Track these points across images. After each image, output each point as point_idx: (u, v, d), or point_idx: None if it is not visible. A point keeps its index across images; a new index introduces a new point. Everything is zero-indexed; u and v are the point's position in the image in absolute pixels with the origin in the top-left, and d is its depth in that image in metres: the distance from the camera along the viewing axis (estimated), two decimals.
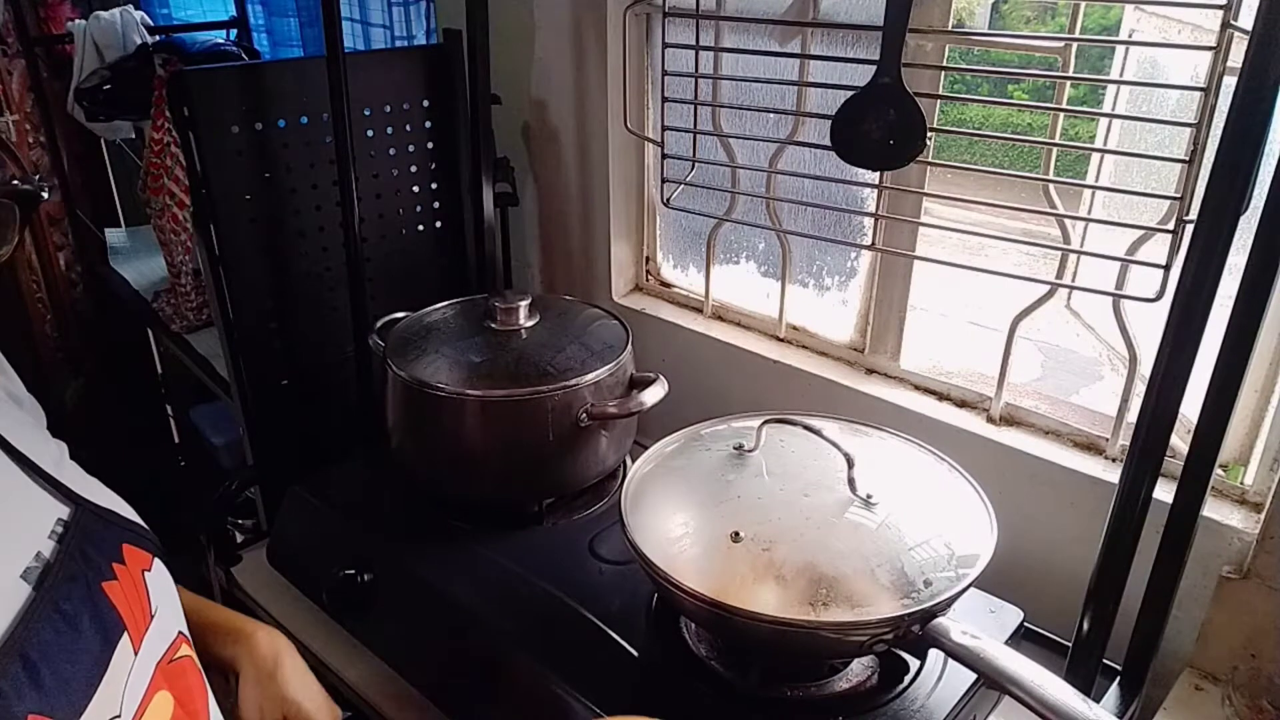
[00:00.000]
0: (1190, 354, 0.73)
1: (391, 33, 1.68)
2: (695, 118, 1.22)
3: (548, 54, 1.40)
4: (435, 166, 1.38)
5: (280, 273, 1.26)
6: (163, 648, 0.62)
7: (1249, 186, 0.68)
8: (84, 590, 0.57)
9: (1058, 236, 1.01)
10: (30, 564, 0.55)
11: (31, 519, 0.58)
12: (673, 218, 1.43)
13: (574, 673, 0.87)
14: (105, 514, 0.63)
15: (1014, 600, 0.96)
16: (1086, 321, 1.15)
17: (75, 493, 0.62)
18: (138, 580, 0.62)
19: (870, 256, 1.20)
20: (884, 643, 0.78)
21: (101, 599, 0.58)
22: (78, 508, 0.61)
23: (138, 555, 0.64)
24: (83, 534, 0.60)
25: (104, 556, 0.60)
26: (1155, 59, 1.02)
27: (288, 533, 1.18)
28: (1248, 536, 0.92)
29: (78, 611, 0.55)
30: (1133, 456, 0.78)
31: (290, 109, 1.21)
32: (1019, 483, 1.06)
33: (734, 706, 0.83)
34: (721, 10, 1.21)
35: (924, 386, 1.19)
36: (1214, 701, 0.93)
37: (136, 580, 0.62)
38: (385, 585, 1.03)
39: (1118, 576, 0.82)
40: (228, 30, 2.20)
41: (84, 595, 0.57)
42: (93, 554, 0.59)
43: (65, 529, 0.59)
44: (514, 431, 1.04)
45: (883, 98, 0.96)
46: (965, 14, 1.27)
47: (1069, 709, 0.67)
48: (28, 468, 0.61)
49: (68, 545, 0.58)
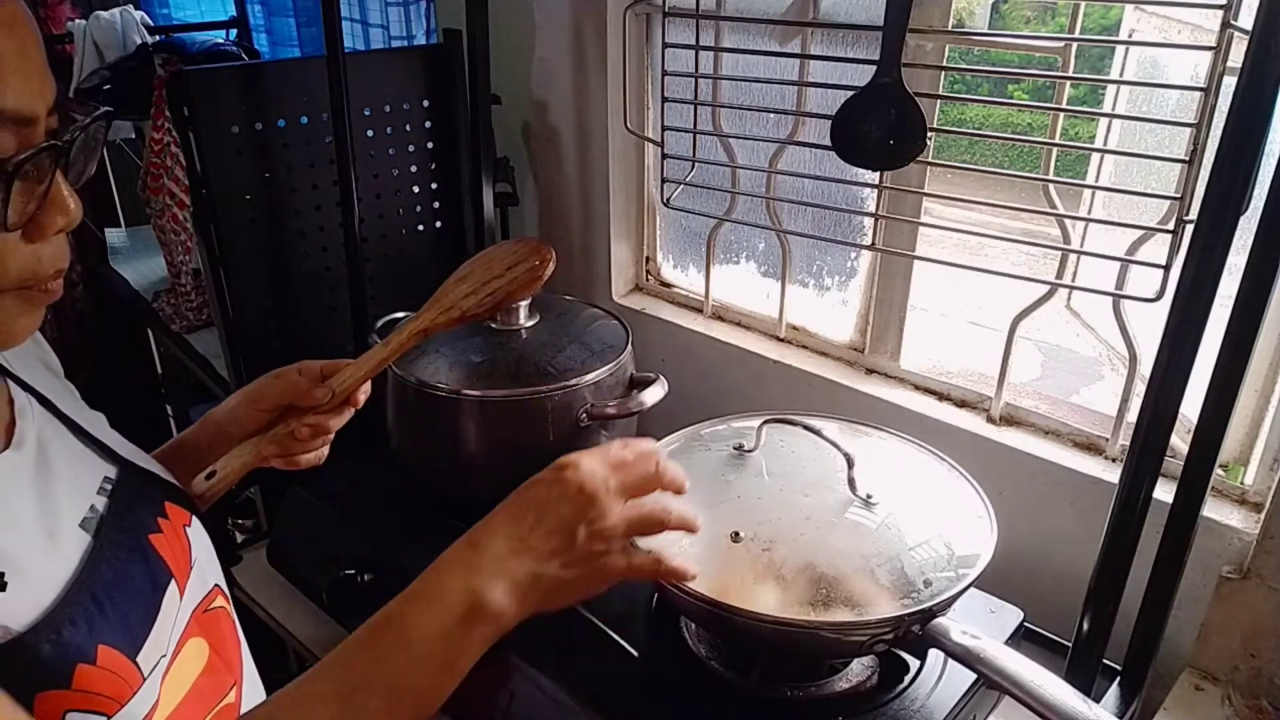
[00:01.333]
0: (1190, 354, 0.73)
1: (388, 32, 1.68)
2: (695, 118, 1.22)
3: (548, 54, 1.40)
4: (435, 166, 1.38)
5: (280, 273, 1.26)
6: (200, 596, 0.65)
7: (1249, 186, 0.68)
8: (134, 540, 0.61)
9: (1058, 236, 1.01)
10: (87, 514, 0.59)
11: (84, 475, 0.62)
12: (673, 218, 1.43)
13: (574, 673, 0.87)
14: (147, 474, 0.67)
15: (1014, 600, 0.96)
16: (1086, 321, 1.15)
17: (119, 454, 0.66)
18: (180, 533, 0.66)
19: (870, 256, 1.20)
20: (884, 643, 0.78)
21: (149, 549, 0.62)
22: (122, 468, 0.65)
23: (178, 512, 0.67)
24: (129, 491, 0.63)
25: (149, 512, 0.64)
26: (1155, 59, 1.02)
27: (288, 533, 1.18)
28: (1248, 536, 0.92)
29: (131, 558, 0.59)
30: (1133, 456, 0.78)
31: (290, 109, 1.21)
32: (1019, 483, 1.06)
33: (734, 706, 0.83)
34: (721, 10, 1.21)
35: (924, 386, 1.19)
36: (1214, 701, 0.93)
37: (179, 533, 0.66)
38: (385, 585, 1.03)
39: (1118, 576, 0.82)
40: (228, 30, 2.20)
41: (134, 544, 0.60)
42: (139, 508, 0.63)
43: (114, 486, 0.63)
44: (514, 431, 1.04)
45: (883, 98, 0.96)
46: (965, 14, 1.26)
47: (1069, 709, 0.67)
48: (75, 430, 0.64)
49: (117, 500, 0.62)
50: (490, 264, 0.78)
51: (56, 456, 0.60)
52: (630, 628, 0.91)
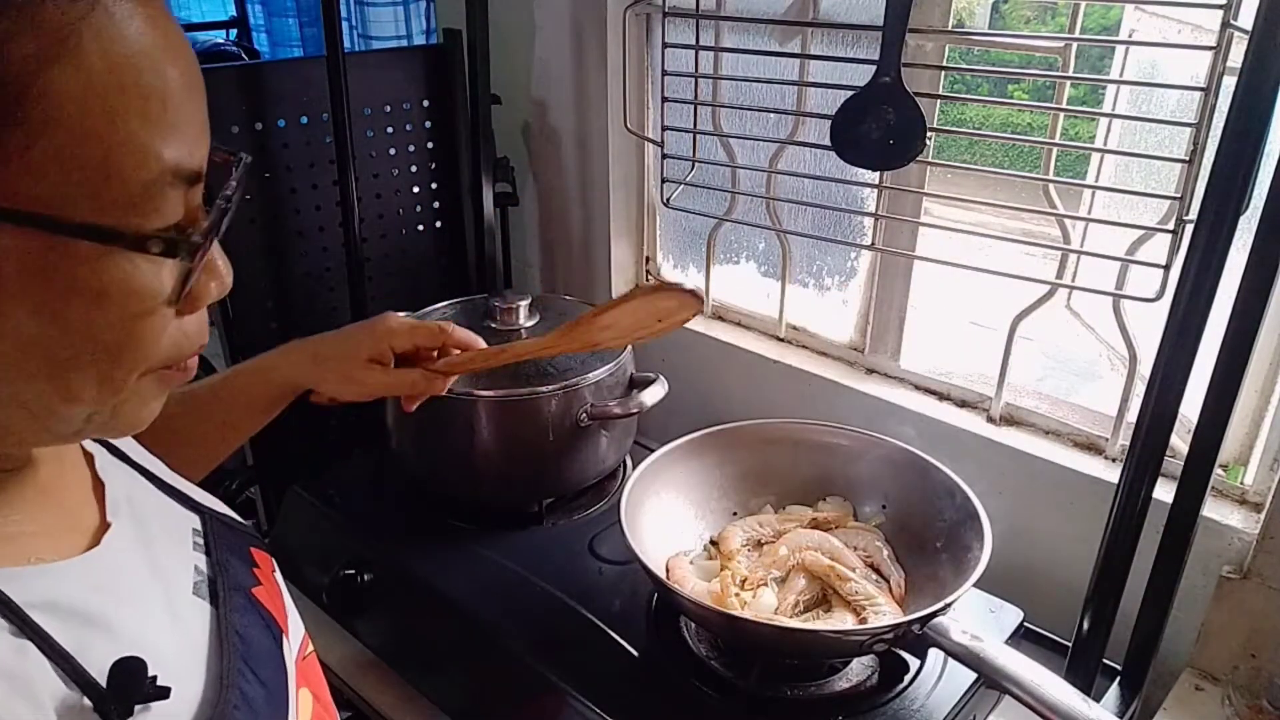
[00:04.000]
0: (1190, 354, 0.73)
1: (355, 31, 1.66)
2: (695, 118, 1.22)
3: (548, 54, 1.40)
4: (435, 166, 1.38)
5: (280, 273, 1.26)
6: (298, 644, 0.62)
7: (1249, 186, 0.68)
8: (245, 599, 0.55)
9: (1058, 236, 1.01)
10: (195, 578, 0.53)
11: (176, 532, 0.56)
12: (673, 218, 1.43)
13: (574, 672, 0.87)
14: (225, 519, 0.61)
15: (1014, 600, 0.96)
16: (1086, 321, 1.15)
17: (196, 500, 0.60)
18: (272, 580, 0.61)
19: (870, 256, 1.20)
20: (884, 642, 0.78)
21: (258, 605, 0.56)
22: (203, 516, 0.59)
23: (264, 558, 0.63)
24: (220, 542, 0.58)
25: (243, 562, 0.59)
26: (1155, 59, 1.02)
27: (288, 533, 1.18)
28: (1248, 536, 0.92)
29: (251, 622, 0.54)
30: (1133, 456, 0.78)
31: (290, 109, 1.21)
32: (1019, 483, 1.06)
33: (734, 706, 0.83)
34: (721, 10, 1.21)
35: (924, 386, 1.19)
36: (1214, 701, 0.93)
37: (272, 580, 0.61)
38: (385, 585, 1.03)
39: (1118, 576, 0.82)
40: (228, 30, 2.20)
41: (247, 605, 0.55)
42: (234, 562, 0.58)
43: (204, 539, 0.57)
44: (514, 431, 1.04)
45: (883, 98, 0.96)
46: (965, 14, 1.26)
47: (1069, 708, 0.67)
48: (152, 480, 0.58)
49: (214, 556, 0.56)
50: (639, 314, 0.74)
51: (148, 515, 0.54)
52: (630, 628, 0.91)
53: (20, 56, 0.35)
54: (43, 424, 0.43)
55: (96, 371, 0.41)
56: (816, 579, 0.86)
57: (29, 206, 0.37)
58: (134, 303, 0.41)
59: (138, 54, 0.38)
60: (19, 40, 0.35)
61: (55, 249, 0.38)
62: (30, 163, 0.36)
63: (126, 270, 0.40)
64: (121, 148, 0.38)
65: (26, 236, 0.37)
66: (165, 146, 0.40)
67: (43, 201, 0.37)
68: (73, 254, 0.38)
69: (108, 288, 0.40)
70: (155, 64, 0.39)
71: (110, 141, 0.38)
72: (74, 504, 0.50)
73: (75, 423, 0.43)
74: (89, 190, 0.38)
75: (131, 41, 0.38)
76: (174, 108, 0.40)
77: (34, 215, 0.37)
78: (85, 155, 0.37)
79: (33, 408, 0.42)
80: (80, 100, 0.37)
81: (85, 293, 0.39)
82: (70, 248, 0.38)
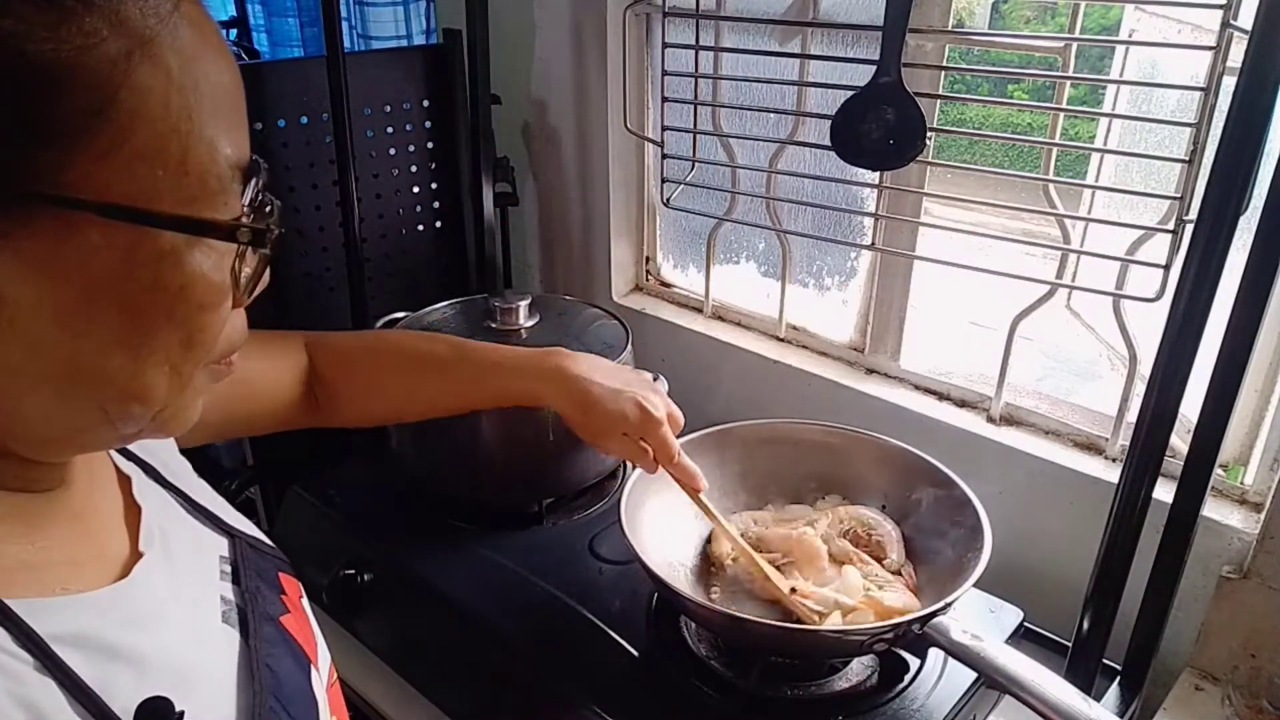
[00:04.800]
0: (1190, 354, 0.73)
1: (355, 31, 1.66)
2: (695, 118, 1.22)
3: (548, 54, 1.40)
4: (435, 166, 1.38)
5: (280, 273, 1.25)
6: (326, 672, 0.61)
7: (1249, 186, 0.68)
8: (274, 629, 0.55)
9: (1058, 236, 1.01)
10: (223, 607, 0.53)
11: (205, 558, 0.56)
12: (673, 218, 1.43)
13: (574, 673, 0.87)
14: (254, 542, 0.61)
15: (1014, 600, 0.96)
16: (1086, 321, 1.15)
17: (226, 523, 0.60)
18: (300, 608, 0.61)
19: (870, 256, 1.20)
20: (884, 642, 0.78)
21: (287, 634, 0.56)
22: (232, 540, 0.59)
23: (293, 584, 0.62)
24: (249, 569, 0.57)
25: (271, 589, 0.58)
26: (1155, 59, 1.02)
27: (288, 533, 1.18)
28: (1248, 536, 0.92)
29: (280, 652, 0.54)
30: (1133, 456, 0.78)
31: (290, 109, 1.21)
32: (1019, 482, 1.06)
33: (734, 706, 0.83)
34: (721, 10, 1.21)
35: (924, 386, 1.19)
36: (1214, 701, 0.93)
37: (299, 608, 0.61)
38: (385, 585, 1.03)
39: (1118, 576, 0.82)
40: (227, 30, 2.19)
41: (276, 635, 0.55)
42: (264, 590, 0.57)
43: (233, 567, 0.57)
44: (514, 431, 1.04)
45: (883, 98, 0.96)
46: (965, 14, 1.27)
47: (1069, 708, 0.67)
48: (184, 501, 0.58)
49: (244, 585, 0.56)
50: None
51: (178, 541, 0.53)
52: (630, 628, 0.91)
53: (110, 57, 0.37)
54: (113, 424, 0.43)
55: (170, 366, 0.42)
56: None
57: (122, 201, 0.38)
58: (210, 295, 0.42)
59: (204, 54, 0.40)
60: (109, 42, 0.36)
61: (143, 245, 0.39)
62: (120, 160, 0.37)
63: (205, 263, 0.41)
64: (198, 143, 0.40)
65: (116, 232, 0.38)
66: (228, 142, 0.41)
67: (131, 197, 0.38)
68: (159, 249, 0.40)
69: (191, 281, 0.41)
70: (217, 63, 0.41)
71: (188, 138, 0.39)
72: (105, 531, 0.50)
73: (142, 421, 0.44)
74: (171, 185, 0.39)
75: (199, 43, 0.40)
76: (231, 105, 0.42)
77: (130, 209, 0.38)
78: (168, 152, 0.39)
79: (109, 408, 0.42)
80: (164, 98, 0.38)
81: (169, 287, 0.40)
82: (157, 243, 0.39)
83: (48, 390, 0.40)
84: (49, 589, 0.43)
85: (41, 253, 0.37)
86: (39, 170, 0.36)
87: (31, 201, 0.36)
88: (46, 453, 0.45)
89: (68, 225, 0.37)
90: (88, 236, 0.38)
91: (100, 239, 0.38)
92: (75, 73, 0.36)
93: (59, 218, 0.37)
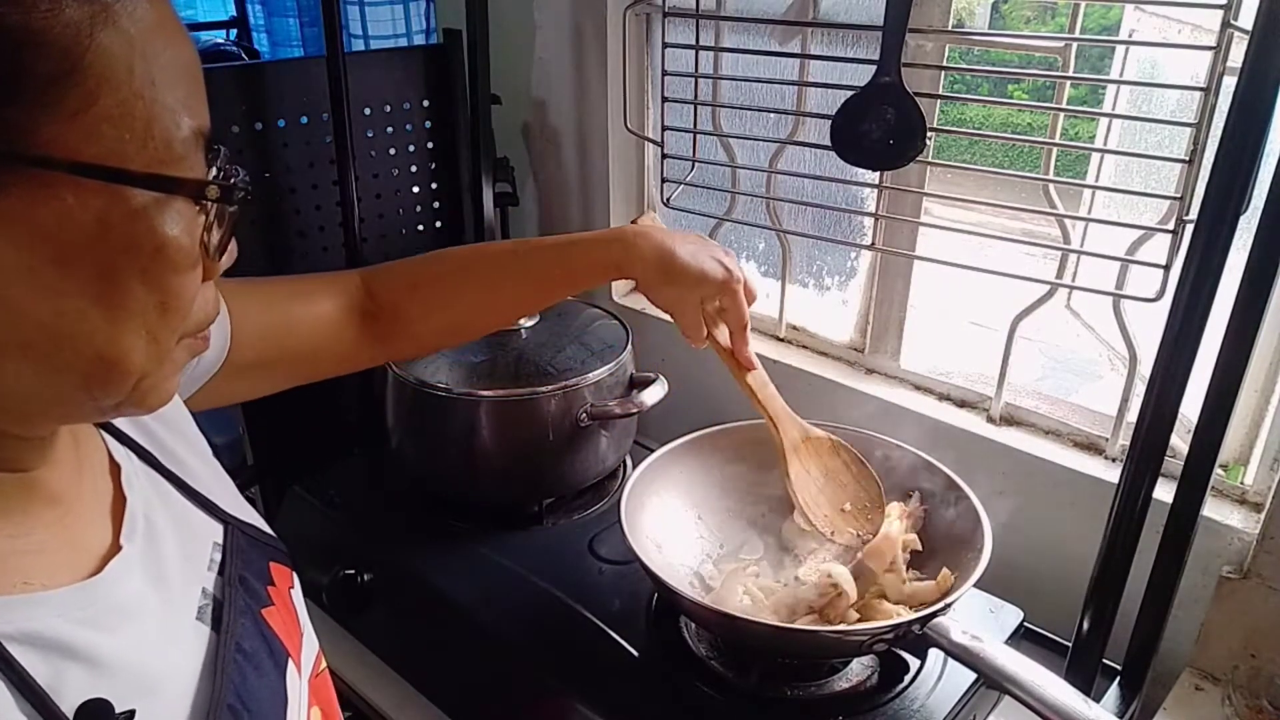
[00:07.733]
0: (1190, 354, 0.73)
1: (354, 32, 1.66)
2: (695, 118, 1.22)
3: (548, 54, 1.39)
4: (435, 166, 1.38)
5: (280, 273, 1.26)
6: (311, 664, 0.61)
7: (1249, 186, 0.68)
8: (251, 624, 0.54)
9: (1058, 236, 1.01)
10: (201, 602, 0.53)
11: (193, 550, 0.55)
12: (673, 217, 1.43)
13: (574, 673, 0.87)
14: (249, 529, 0.61)
15: (1014, 600, 0.96)
16: (1086, 321, 1.15)
17: (222, 510, 0.59)
18: (287, 600, 0.60)
19: (870, 256, 1.20)
20: (884, 642, 0.78)
21: (266, 629, 0.56)
22: (227, 527, 0.58)
23: (283, 573, 0.62)
24: (238, 559, 0.57)
25: (259, 581, 0.58)
26: (1155, 59, 1.02)
27: (288, 533, 1.18)
28: (1248, 536, 0.92)
29: (255, 648, 0.53)
30: (1133, 456, 0.78)
31: (290, 109, 1.21)
32: (1019, 483, 1.06)
33: (734, 706, 0.83)
34: (721, 10, 1.21)
35: (924, 386, 1.19)
36: (1214, 701, 0.93)
37: (287, 600, 0.60)
38: (385, 585, 1.03)
39: (1118, 576, 0.82)
40: (228, 30, 2.20)
41: (253, 630, 0.54)
42: (250, 580, 0.57)
43: (222, 556, 0.56)
44: (514, 431, 1.04)
45: (882, 98, 0.96)
46: (965, 14, 1.27)
47: (1069, 709, 0.67)
48: (180, 487, 0.57)
49: (229, 576, 0.55)
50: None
51: (164, 533, 0.53)
52: (630, 628, 0.91)
53: (74, 21, 0.38)
54: (91, 394, 0.43)
55: (146, 332, 0.43)
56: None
57: (93, 161, 0.39)
58: (182, 257, 0.43)
59: (162, 26, 0.42)
60: (70, 8, 0.38)
61: (116, 206, 0.40)
62: (89, 122, 0.38)
63: (175, 227, 0.42)
64: (162, 110, 0.41)
65: (89, 193, 0.39)
66: (188, 111, 0.43)
67: (101, 158, 0.39)
68: (131, 209, 0.40)
69: (164, 243, 0.42)
70: (174, 37, 0.42)
71: (153, 105, 0.40)
72: (85, 520, 0.49)
73: (122, 391, 0.44)
74: (138, 148, 0.40)
75: (155, 16, 0.41)
76: (191, 76, 0.44)
77: (101, 167, 0.39)
78: (134, 115, 0.40)
79: (88, 376, 0.42)
80: (127, 63, 0.39)
81: (144, 248, 0.41)
82: (129, 204, 0.40)
83: (25, 358, 0.40)
84: (9, 585, 0.43)
85: (15, 214, 0.38)
86: (11, 131, 0.37)
87: (5, 161, 0.37)
88: (24, 425, 0.45)
89: (42, 185, 0.38)
90: (62, 197, 0.38)
91: (73, 199, 0.39)
92: (44, 36, 0.37)
93: (32, 177, 0.38)
